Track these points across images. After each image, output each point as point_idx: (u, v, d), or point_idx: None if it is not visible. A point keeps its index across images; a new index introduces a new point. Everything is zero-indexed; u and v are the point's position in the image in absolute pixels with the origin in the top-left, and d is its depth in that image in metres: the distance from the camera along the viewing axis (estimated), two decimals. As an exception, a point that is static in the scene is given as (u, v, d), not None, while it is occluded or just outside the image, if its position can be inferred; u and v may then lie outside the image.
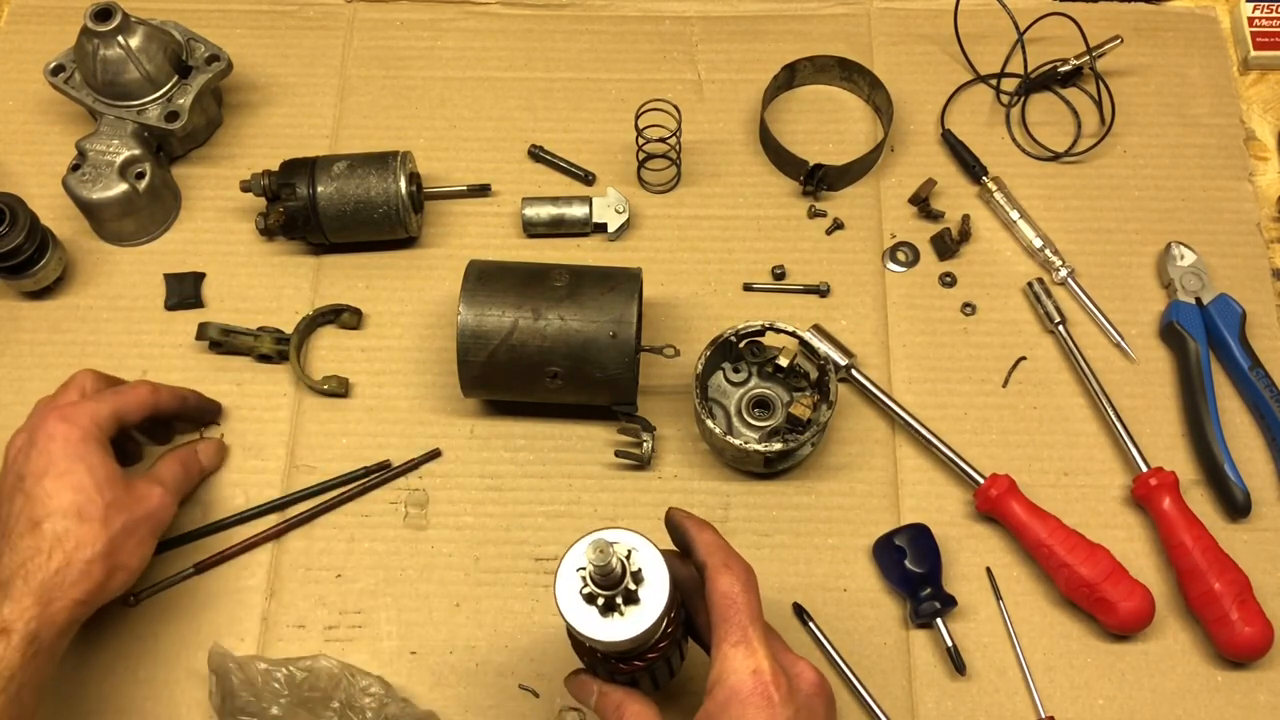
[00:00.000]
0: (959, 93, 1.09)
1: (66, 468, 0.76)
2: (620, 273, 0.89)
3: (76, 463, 0.76)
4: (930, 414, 0.93)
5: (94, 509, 0.75)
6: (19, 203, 0.94)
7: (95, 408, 0.80)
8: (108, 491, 0.76)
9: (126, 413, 0.82)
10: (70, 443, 0.77)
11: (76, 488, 0.75)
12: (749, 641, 0.63)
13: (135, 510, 0.78)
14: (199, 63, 1.01)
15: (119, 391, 0.83)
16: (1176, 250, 0.98)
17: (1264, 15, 1.10)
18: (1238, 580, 0.84)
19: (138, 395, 0.83)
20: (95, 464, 0.77)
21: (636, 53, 1.11)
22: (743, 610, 0.65)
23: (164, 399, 0.86)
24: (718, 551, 0.67)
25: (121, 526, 0.77)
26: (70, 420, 0.78)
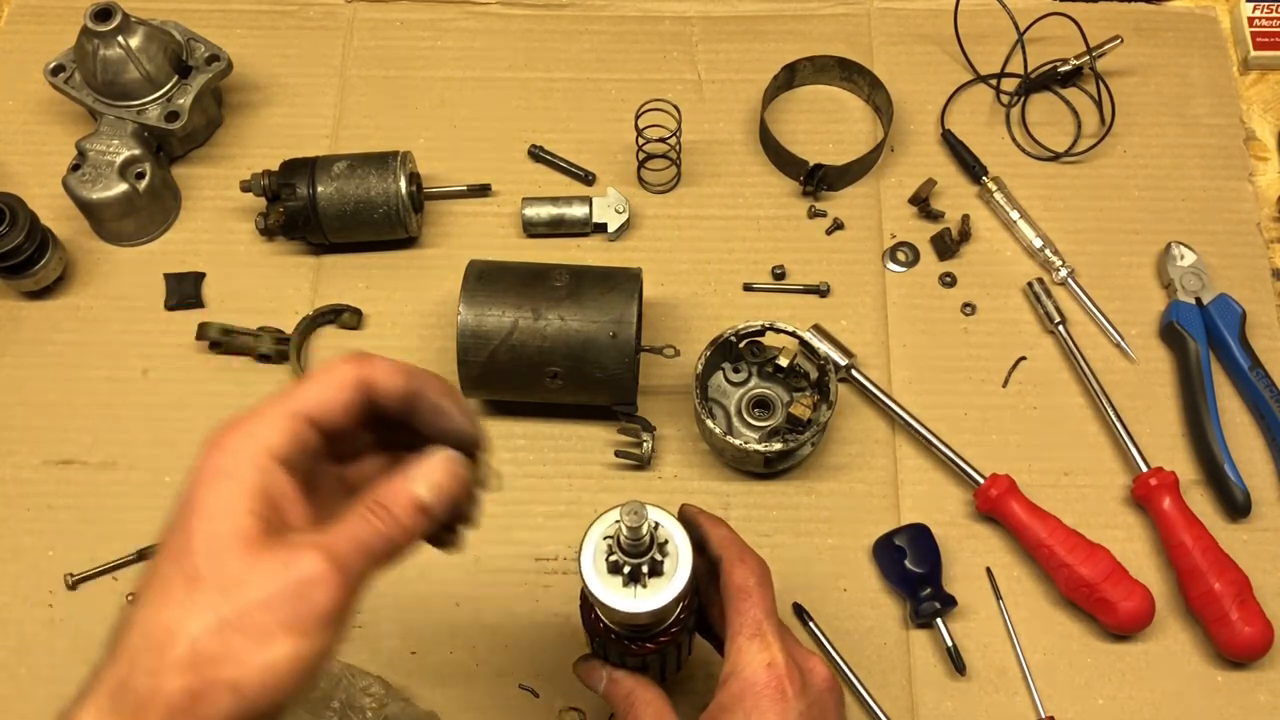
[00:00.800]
0: (959, 93, 1.09)
1: (177, 520, 0.51)
2: (620, 273, 0.89)
3: (188, 513, 0.51)
4: (930, 414, 0.93)
5: (184, 587, 0.49)
6: (19, 203, 0.94)
7: (260, 420, 0.53)
8: (218, 560, 0.49)
9: (316, 407, 0.54)
10: (199, 480, 0.51)
11: (176, 552, 0.50)
12: (764, 635, 0.63)
13: (256, 590, 0.48)
14: (199, 63, 1.01)
15: (309, 377, 0.55)
16: (1176, 250, 0.98)
17: (1264, 15, 1.10)
18: (1238, 580, 0.84)
19: (334, 376, 0.55)
20: (214, 512, 0.50)
21: (636, 53, 1.11)
22: (758, 603, 0.65)
23: (382, 376, 0.55)
24: (732, 545, 0.67)
25: (222, 618, 0.48)
26: (214, 444, 0.52)
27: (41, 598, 0.88)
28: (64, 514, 0.91)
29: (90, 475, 0.92)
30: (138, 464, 0.93)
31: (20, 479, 0.92)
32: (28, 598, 0.88)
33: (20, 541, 0.90)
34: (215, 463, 0.51)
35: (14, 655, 0.86)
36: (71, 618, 0.87)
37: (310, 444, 0.53)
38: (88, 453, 0.93)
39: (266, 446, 0.51)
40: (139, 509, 0.91)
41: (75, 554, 0.89)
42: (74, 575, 0.88)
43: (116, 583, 0.88)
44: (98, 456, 0.93)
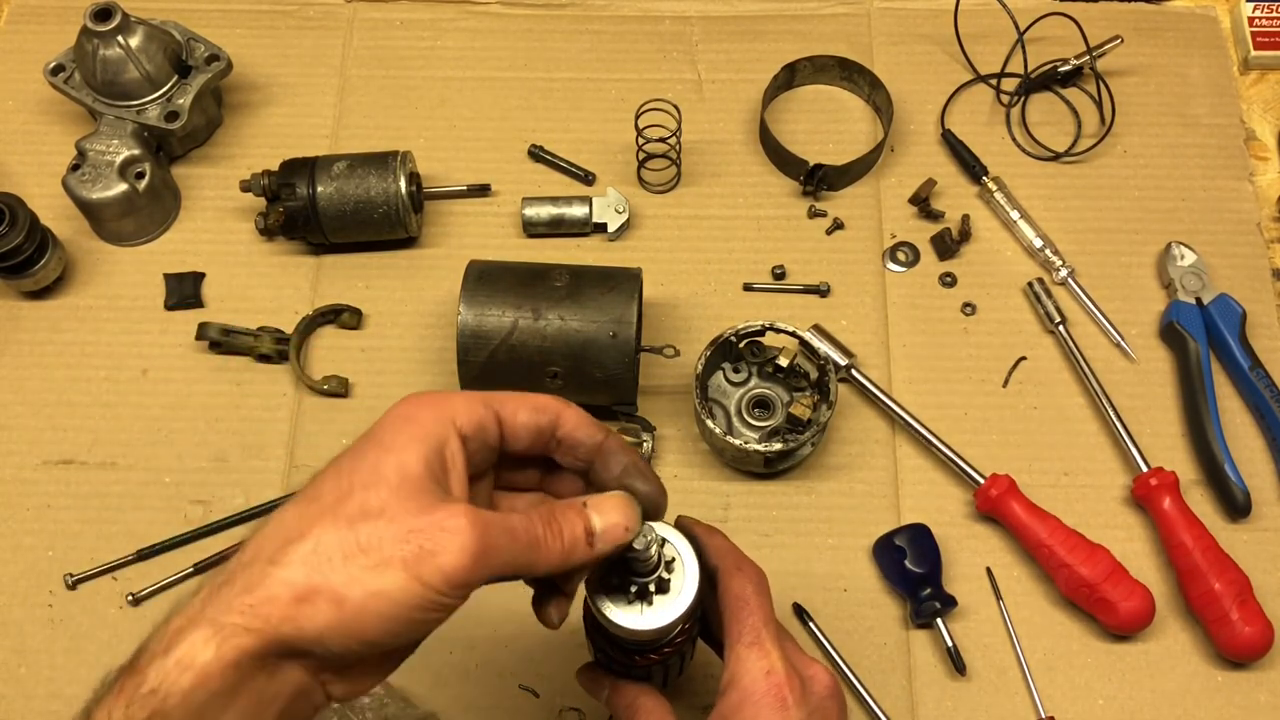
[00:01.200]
0: (959, 93, 1.09)
1: (355, 446, 0.54)
2: (620, 273, 0.89)
3: (366, 443, 0.53)
4: (930, 414, 0.93)
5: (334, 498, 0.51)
6: (19, 203, 0.94)
7: (454, 395, 0.56)
8: (373, 485, 0.51)
9: (506, 406, 0.57)
10: (384, 422, 0.54)
11: (340, 469, 0.53)
12: (762, 643, 0.63)
13: (395, 521, 0.50)
14: (199, 63, 1.01)
15: (511, 393, 0.59)
16: (1176, 250, 0.98)
17: (1264, 15, 1.10)
18: (1238, 580, 0.84)
19: (533, 397, 0.59)
20: (386, 444, 0.52)
21: (636, 53, 1.11)
22: (755, 611, 0.64)
23: (575, 416, 0.59)
24: (729, 555, 0.67)
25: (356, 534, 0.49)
26: (410, 400, 0.55)
27: (41, 598, 0.88)
28: (64, 514, 0.91)
29: (90, 475, 0.92)
30: (138, 464, 0.93)
31: (20, 479, 0.92)
32: (28, 598, 0.88)
33: (20, 541, 0.90)
34: (405, 411, 0.54)
35: (14, 655, 0.86)
36: (71, 618, 0.87)
37: (491, 438, 0.56)
38: (87, 453, 0.93)
39: (454, 415, 0.54)
40: (139, 509, 0.91)
41: (75, 554, 0.89)
42: (74, 575, 0.88)
43: (116, 583, 0.88)
44: (97, 456, 0.93)
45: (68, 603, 0.88)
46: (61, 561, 0.89)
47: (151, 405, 0.95)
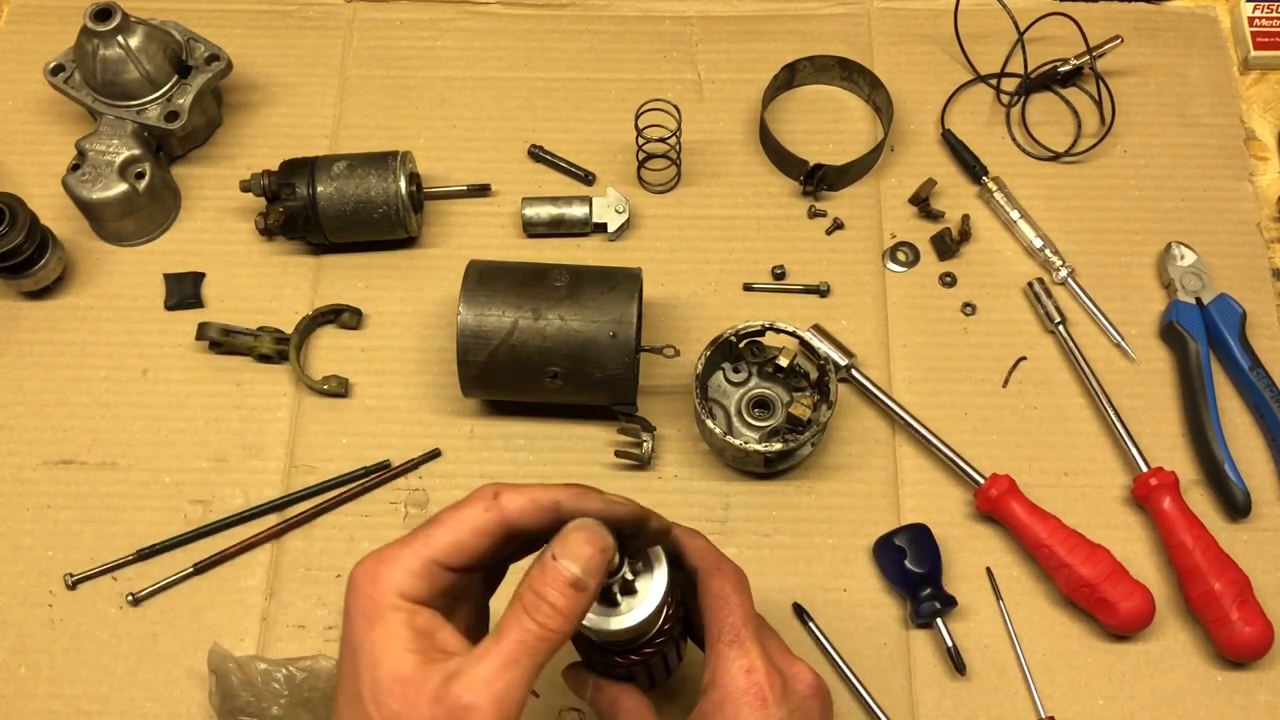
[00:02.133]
0: (959, 93, 1.09)
1: (346, 666, 0.55)
2: (620, 273, 0.89)
3: (352, 658, 0.54)
4: (930, 414, 0.93)
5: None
6: (19, 203, 0.94)
7: (392, 563, 0.55)
8: (385, 701, 0.52)
9: (452, 552, 0.56)
10: (354, 626, 0.55)
11: (350, 698, 0.54)
12: (741, 641, 0.63)
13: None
14: (199, 63, 1.01)
15: (437, 521, 0.57)
16: (1176, 250, 0.98)
17: (1264, 15, 1.10)
18: (1238, 580, 0.84)
19: (468, 520, 0.56)
20: (374, 657, 0.53)
21: (636, 53, 1.11)
22: (735, 610, 0.65)
23: (517, 513, 0.57)
24: (708, 555, 0.67)
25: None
26: (358, 589, 0.55)
27: (41, 598, 0.88)
28: (64, 514, 0.91)
29: (90, 475, 0.92)
30: (137, 464, 0.93)
31: (20, 479, 0.92)
32: (28, 598, 0.88)
33: (20, 541, 0.90)
34: (362, 608, 0.55)
35: (14, 655, 0.86)
36: (71, 618, 0.87)
37: (443, 584, 0.56)
38: (87, 453, 0.93)
39: (400, 591, 0.54)
40: (139, 509, 0.91)
41: (75, 554, 0.89)
42: (74, 575, 0.88)
43: (116, 583, 0.88)
44: (97, 456, 0.93)
45: (68, 603, 0.88)
46: (61, 561, 0.89)
47: (151, 405, 0.95)
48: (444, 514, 0.57)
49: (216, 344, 0.95)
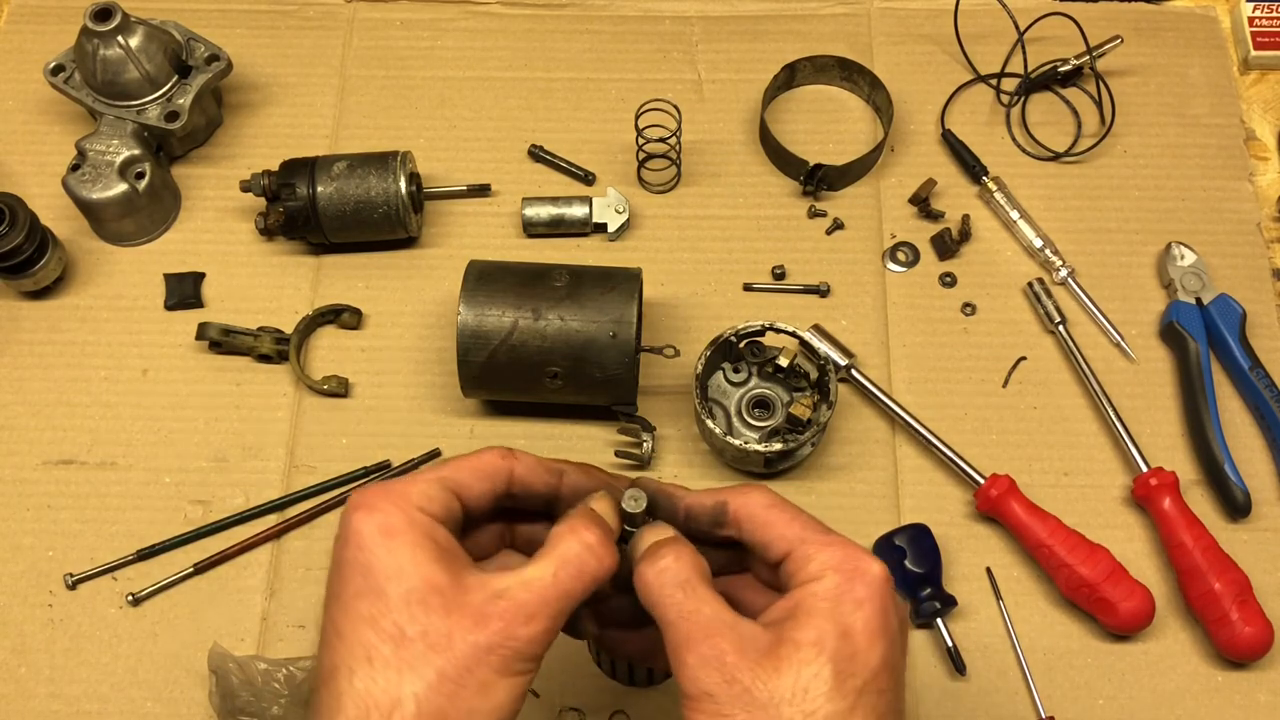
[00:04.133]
0: (959, 93, 1.09)
1: (360, 585, 0.51)
2: (620, 273, 0.89)
3: (372, 575, 0.51)
4: (930, 414, 0.93)
5: (393, 650, 0.49)
6: (19, 203, 0.94)
7: (409, 483, 0.53)
8: (420, 615, 0.49)
9: (460, 483, 0.55)
10: (366, 545, 0.51)
11: (371, 617, 0.50)
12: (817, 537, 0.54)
13: (465, 640, 0.49)
14: (199, 63, 1.01)
15: (454, 459, 0.56)
16: (1176, 250, 0.98)
17: (1264, 15, 1.10)
18: (1238, 580, 0.84)
19: (480, 461, 0.56)
20: (402, 569, 0.50)
21: (636, 53, 1.11)
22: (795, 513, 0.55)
23: (524, 469, 0.57)
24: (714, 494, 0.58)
25: (440, 672, 0.48)
26: (370, 506, 0.52)
27: (41, 598, 0.88)
28: (64, 514, 0.91)
29: (90, 475, 0.92)
30: (137, 464, 0.93)
31: (20, 479, 0.92)
32: (28, 598, 0.88)
33: (20, 541, 0.90)
34: (377, 522, 0.51)
35: (14, 655, 0.86)
36: (71, 618, 0.87)
37: (456, 513, 0.54)
38: (87, 452, 0.93)
39: (421, 505, 0.52)
40: (139, 509, 0.91)
41: (75, 554, 0.89)
42: (74, 575, 0.88)
43: (116, 583, 0.88)
44: (97, 456, 0.93)
45: (68, 603, 0.88)
46: (61, 561, 0.89)
47: (151, 405, 0.95)
48: (459, 456, 0.56)
49: (216, 344, 0.95)
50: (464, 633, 0.49)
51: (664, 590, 0.52)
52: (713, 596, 0.52)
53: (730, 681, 0.49)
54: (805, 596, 0.51)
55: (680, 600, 0.52)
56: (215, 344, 0.95)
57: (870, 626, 0.50)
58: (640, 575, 0.53)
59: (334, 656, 0.50)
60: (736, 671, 0.49)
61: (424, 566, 0.50)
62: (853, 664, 0.49)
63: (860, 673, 0.49)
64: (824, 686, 0.48)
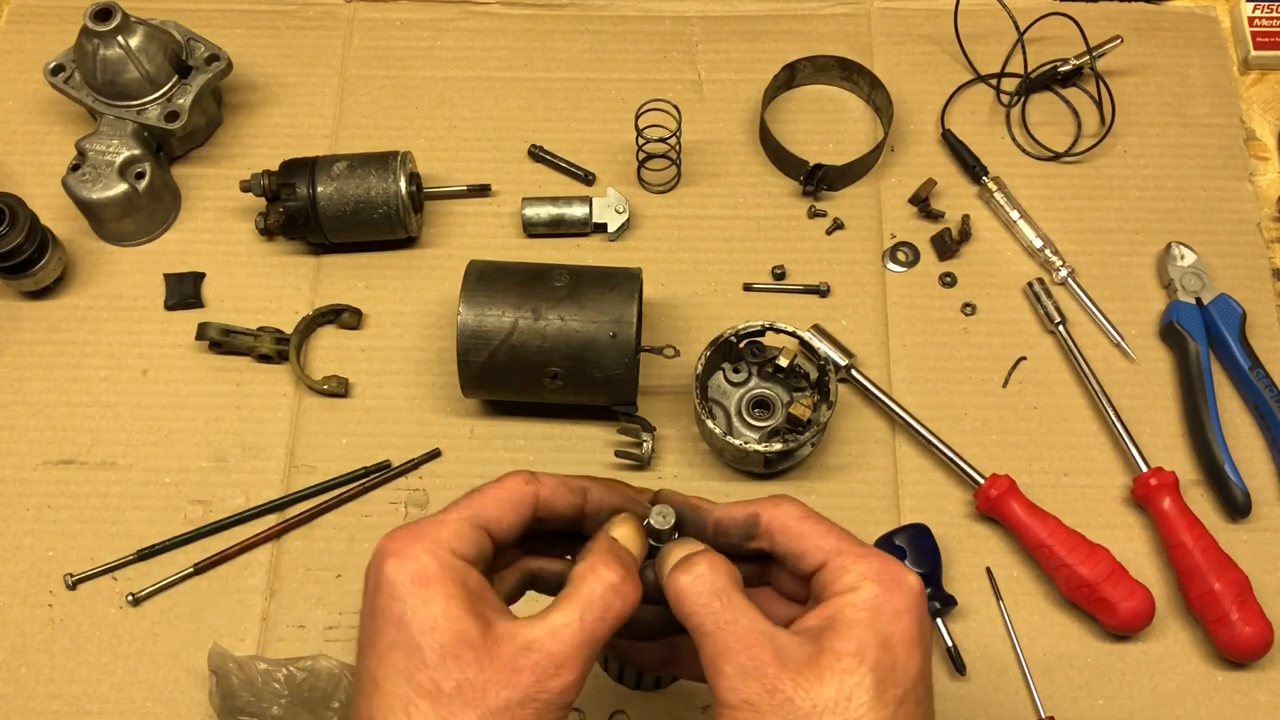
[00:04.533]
0: (959, 93, 1.09)
1: (394, 637, 0.50)
2: (620, 273, 0.89)
3: (405, 628, 0.50)
4: (930, 414, 0.93)
5: (430, 705, 0.49)
6: (19, 203, 0.94)
7: (440, 526, 0.53)
8: (454, 670, 0.49)
9: (489, 519, 0.54)
10: (399, 595, 0.50)
11: (406, 671, 0.49)
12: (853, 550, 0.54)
13: (499, 695, 0.49)
14: (199, 63, 1.01)
15: (478, 491, 0.56)
16: (1176, 250, 0.98)
17: (1264, 15, 1.10)
18: (1238, 580, 0.84)
19: (506, 491, 0.56)
20: (435, 623, 0.49)
21: (636, 53, 1.11)
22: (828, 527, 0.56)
23: (549, 492, 0.57)
24: (742, 507, 0.58)
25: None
26: (401, 553, 0.51)
27: (41, 598, 0.88)
28: (64, 514, 0.91)
29: (90, 475, 0.92)
30: (137, 464, 0.93)
31: (20, 479, 0.92)
32: (28, 598, 0.88)
33: (20, 541, 0.90)
34: (410, 571, 0.51)
35: (14, 655, 0.86)
36: (71, 618, 0.87)
37: (488, 553, 0.54)
38: (87, 452, 0.93)
39: (454, 548, 0.52)
40: (139, 509, 0.91)
41: (75, 554, 0.89)
42: (74, 575, 0.88)
43: (116, 583, 0.88)
44: (97, 456, 0.93)
45: (68, 603, 0.88)
46: (61, 561, 0.89)
47: (151, 405, 0.95)
48: (483, 487, 0.55)
49: (216, 344, 0.95)
50: (498, 688, 0.49)
51: (699, 600, 0.52)
52: (749, 606, 0.52)
53: (772, 691, 0.49)
54: (843, 607, 0.51)
55: (718, 610, 0.52)
56: (215, 344, 0.95)
57: (909, 637, 0.51)
58: (674, 584, 0.53)
59: (371, 707, 0.50)
60: (778, 681, 0.49)
61: (458, 620, 0.50)
62: (893, 674, 0.50)
63: (901, 682, 0.50)
64: (866, 695, 0.49)
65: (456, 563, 0.51)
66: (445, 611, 0.50)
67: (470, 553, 0.52)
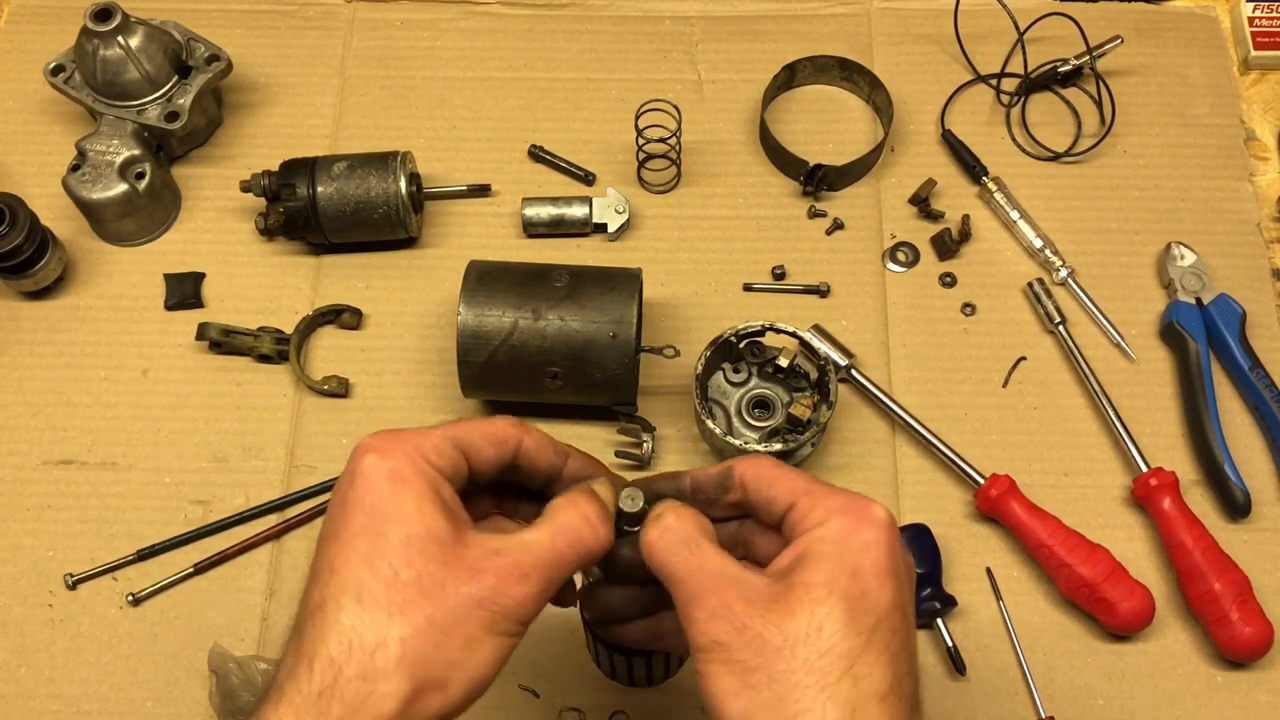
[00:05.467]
0: (959, 93, 1.09)
1: (362, 524, 0.51)
2: (620, 273, 0.89)
3: (375, 516, 0.51)
4: (930, 414, 0.93)
5: (384, 590, 0.49)
6: (19, 203, 0.94)
7: (421, 435, 0.53)
8: (418, 561, 0.49)
9: (471, 444, 0.55)
10: (373, 488, 0.51)
11: (367, 556, 0.50)
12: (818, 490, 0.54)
13: (458, 591, 0.49)
14: (199, 63, 1.01)
15: (465, 420, 0.57)
16: (1176, 250, 0.98)
17: (1264, 15, 1.10)
18: (1238, 580, 0.84)
19: (493, 426, 0.57)
20: (406, 514, 0.50)
21: (636, 53, 1.11)
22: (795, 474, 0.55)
23: (533, 442, 0.58)
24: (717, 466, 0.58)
25: (428, 619, 0.49)
26: (382, 451, 0.52)
27: (41, 598, 0.88)
28: (64, 514, 0.91)
29: (90, 475, 0.92)
30: (137, 464, 0.93)
31: (20, 479, 0.92)
32: (28, 598, 0.88)
33: (20, 541, 0.90)
34: (387, 467, 0.51)
35: (14, 655, 0.86)
36: (71, 618, 0.87)
37: (462, 473, 0.54)
38: (87, 453, 0.93)
39: (431, 458, 0.52)
40: (139, 509, 0.91)
41: (75, 554, 0.89)
42: (74, 575, 0.88)
43: (116, 583, 0.88)
44: (97, 456, 0.93)
45: (68, 603, 0.88)
46: (61, 561, 0.89)
47: (151, 405, 0.95)
48: (472, 418, 0.56)
49: (216, 344, 0.95)
50: (457, 584, 0.49)
51: (669, 549, 0.53)
52: (716, 552, 0.53)
53: (741, 629, 0.49)
54: (812, 542, 0.52)
55: (685, 557, 0.52)
56: (215, 344, 0.95)
57: (879, 566, 0.51)
58: (645, 539, 0.54)
59: (324, 590, 0.50)
60: (747, 619, 0.49)
61: (428, 516, 0.50)
62: (864, 602, 0.50)
63: (873, 611, 0.50)
64: (837, 625, 0.49)
65: (431, 470, 0.52)
66: (417, 506, 0.50)
67: (447, 468, 0.53)
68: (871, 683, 0.48)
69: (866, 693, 0.48)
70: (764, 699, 0.48)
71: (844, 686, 0.48)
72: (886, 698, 0.48)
